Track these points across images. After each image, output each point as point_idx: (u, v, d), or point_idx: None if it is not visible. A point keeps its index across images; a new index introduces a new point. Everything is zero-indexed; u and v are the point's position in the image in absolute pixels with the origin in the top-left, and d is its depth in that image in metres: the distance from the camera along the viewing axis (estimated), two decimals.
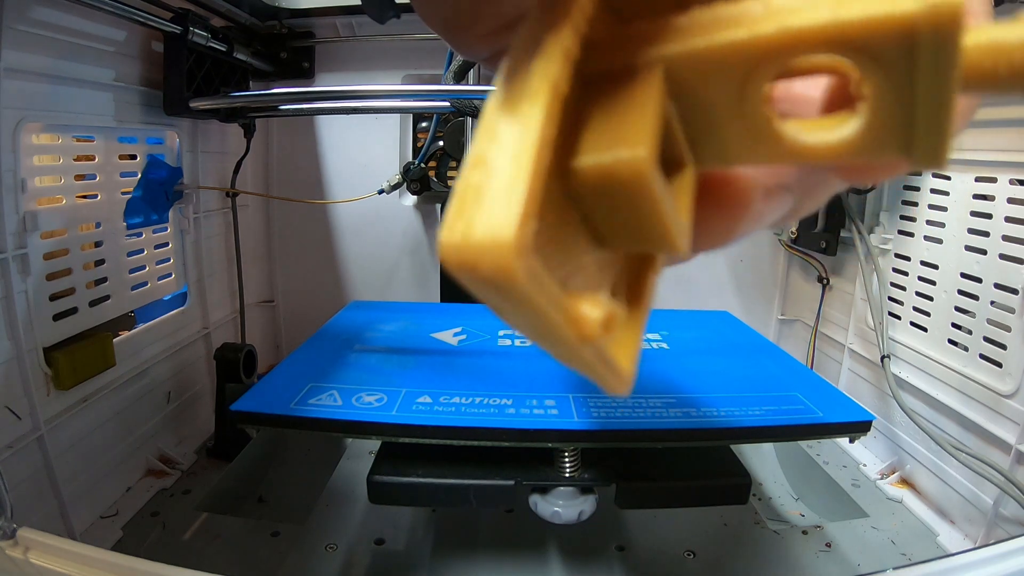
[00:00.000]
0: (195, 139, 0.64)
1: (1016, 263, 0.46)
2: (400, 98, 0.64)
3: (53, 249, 0.45)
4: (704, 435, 0.36)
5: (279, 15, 0.69)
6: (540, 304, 0.08)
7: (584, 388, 0.40)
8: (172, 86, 0.55)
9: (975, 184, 0.51)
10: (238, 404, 0.37)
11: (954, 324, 0.53)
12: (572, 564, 0.46)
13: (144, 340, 0.57)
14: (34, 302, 0.43)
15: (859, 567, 0.47)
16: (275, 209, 0.79)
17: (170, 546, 0.46)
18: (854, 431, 0.38)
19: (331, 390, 0.39)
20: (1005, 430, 0.46)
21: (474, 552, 0.47)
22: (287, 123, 0.76)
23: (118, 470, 0.52)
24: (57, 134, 0.46)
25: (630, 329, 0.10)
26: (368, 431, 0.36)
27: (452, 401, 0.38)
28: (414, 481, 0.37)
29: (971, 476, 0.49)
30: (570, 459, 0.37)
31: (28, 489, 0.42)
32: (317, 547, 0.47)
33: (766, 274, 0.79)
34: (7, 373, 0.41)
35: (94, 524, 0.48)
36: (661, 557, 0.47)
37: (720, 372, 0.45)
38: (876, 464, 0.61)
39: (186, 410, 0.63)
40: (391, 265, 0.80)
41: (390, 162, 0.76)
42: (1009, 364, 0.46)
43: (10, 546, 0.28)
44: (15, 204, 0.41)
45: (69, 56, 0.45)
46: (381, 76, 0.73)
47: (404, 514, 0.51)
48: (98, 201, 0.50)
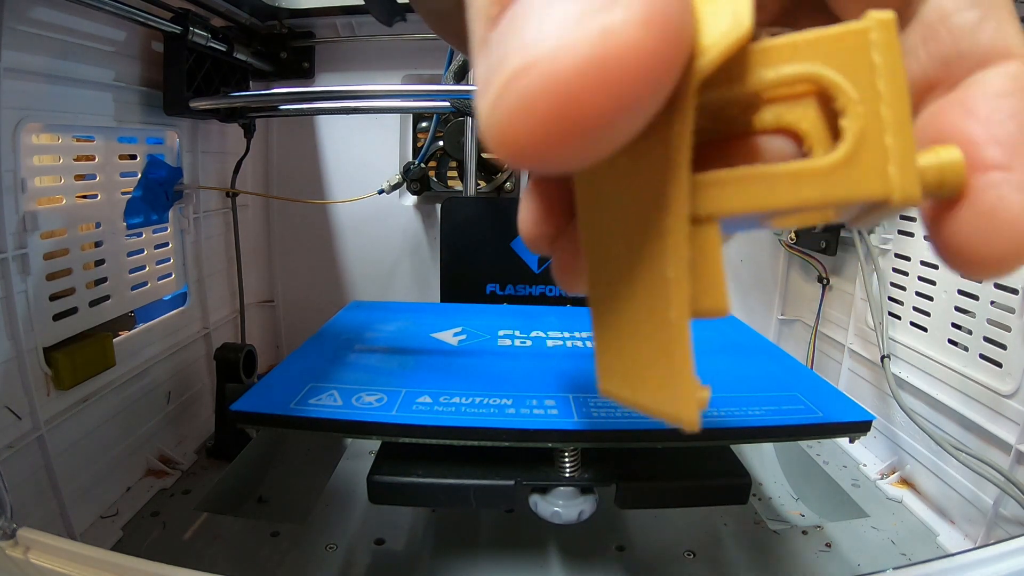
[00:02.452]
0: (195, 139, 0.64)
1: None
2: (400, 98, 0.64)
3: (53, 249, 0.45)
4: (704, 435, 0.36)
5: (279, 15, 0.69)
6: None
7: (584, 388, 0.40)
8: (172, 86, 0.55)
9: None
10: (238, 404, 0.37)
11: (954, 324, 0.53)
12: (572, 564, 0.46)
13: (144, 340, 0.57)
14: (34, 302, 0.43)
15: (859, 567, 0.47)
16: (275, 209, 0.79)
17: (170, 546, 0.46)
18: (854, 431, 0.38)
19: (331, 390, 0.39)
20: (1005, 430, 0.46)
21: (474, 552, 0.47)
22: (287, 123, 0.76)
23: (118, 470, 0.52)
24: (57, 134, 0.46)
25: None
26: (368, 431, 0.36)
27: (452, 401, 0.38)
28: (414, 481, 0.37)
29: (971, 476, 0.49)
30: (570, 459, 0.37)
31: (28, 489, 0.42)
32: (317, 547, 0.47)
33: (766, 274, 0.79)
34: (7, 373, 0.41)
35: (94, 524, 0.48)
36: (661, 557, 0.47)
37: (720, 372, 0.45)
38: (876, 464, 0.61)
39: (186, 410, 0.63)
40: (391, 265, 0.80)
41: (390, 162, 0.76)
42: (1009, 364, 0.47)
43: (10, 546, 0.28)
44: (15, 204, 0.41)
45: (69, 56, 0.45)
46: (381, 76, 0.73)
47: (404, 514, 0.51)
48: (98, 201, 0.50)
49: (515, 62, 0.07)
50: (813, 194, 0.08)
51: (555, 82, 0.07)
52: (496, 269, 0.69)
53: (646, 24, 0.07)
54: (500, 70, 0.07)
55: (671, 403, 0.09)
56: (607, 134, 0.07)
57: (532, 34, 0.07)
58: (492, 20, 0.08)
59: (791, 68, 0.09)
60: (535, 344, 0.50)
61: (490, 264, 0.67)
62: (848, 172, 0.08)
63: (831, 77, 0.08)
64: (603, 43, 0.07)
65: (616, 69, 0.07)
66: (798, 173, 0.08)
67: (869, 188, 0.08)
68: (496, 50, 0.08)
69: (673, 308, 0.08)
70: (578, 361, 0.47)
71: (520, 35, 0.07)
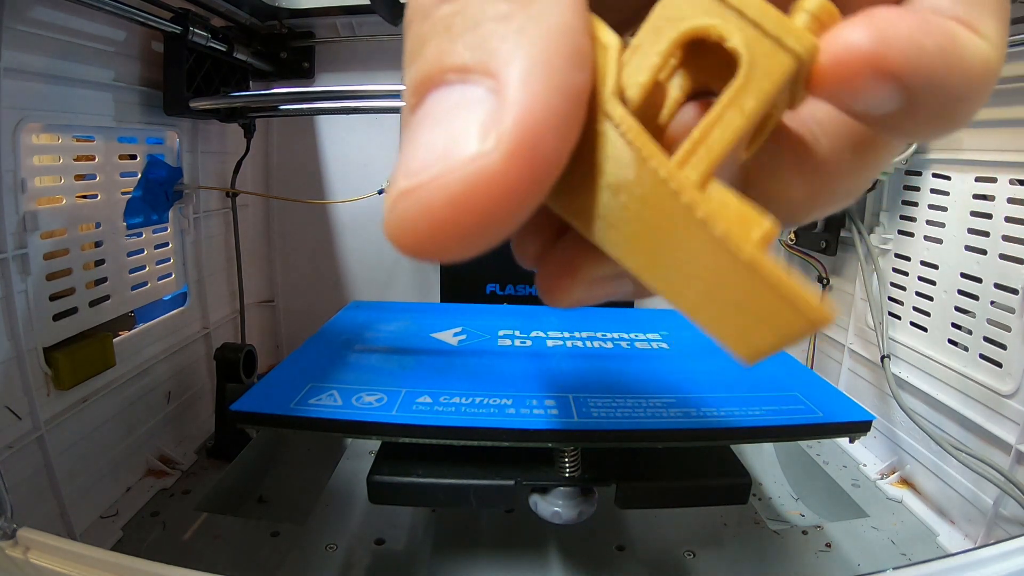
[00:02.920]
0: (195, 139, 0.64)
1: (1016, 263, 0.46)
2: (400, 98, 0.64)
3: (53, 249, 0.45)
4: (704, 435, 0.36)
5: (279, 15, 0.69)
6: None
7: (584, 388, 0.40)
8: (172, 86, 0.55)
9: (975, 184, 0.51)
10: (238, 404, 0.37)
11: (954, 324, 0.53)
12: (572, 564, 0.46)
13: (144, 340, 0.57)
14: (34, 302, 0.43)
15: (859, 567, 0.47)
16: (275, 209, 0.79)
17: (170, 546, 0.46)
18: (854, 431, 0.38)
19: (331, 390, 0.39)
20: (1005, 430, 0.46)
21: (474, 552, 0.47)
22: (287, 123, 0.76)
23: (118, 470, 0.52)
24: (57, 134, 0.46)
25: None
26: (368, 431, 0.36)
27: (452, 401, 0.38)
28: (414, 481, 0.37)
29: (971, 476, 0.49)
30: (570, 459, 0.37)
31: (28, 489, 0.42)
32: (317, 547, 0.47)
33: None
34: (7, 373, 0.41)
35: (94, 524, 0.48)
36: (661, 557, 0.47)
37: (720, 372, 0.45)
38: (876, 464, 0.61)
39: (186, 410, 0.63)
40: (391, 265, 0.80)
41: (390, 162, 0.76)
42: (1009, 364, 0.47)
43: (10, 546, 0.28)
44: (15, 204, 0.41)
45: (69, 56, 0.45)
46: (381, 76, 0.73)
47: (404, 514, 0.51)
48: (98, 201, 0.50)
49: (400, 183, 0.08)
50: (752, 103, 0.09)
51: (429, 210, 0.08)
52: (496, 269, 0.69)
53: (511, 157, 0.08)
54: (392, 184, 0.08)
55: (804, 319, 0.09)
56: (485, 239, 0.08)
57: (413, 160, 0.08)
58: (410, 110, 0.09)
59: (659, 45, 0.10)
60: (535, 344, 0.50)
61: (490, 264, 0.67)
62: (757, 69, 0.09)
63: (694, 27, 0.09)
64: (472, 178, 0.08)
65: (485, 197, 0.08)
66: (733, 99, 0.09)
67: (780, 65, 0.09)
68: (400, 153, 0.09)
69: (740, 251, 0.09)
70: (578, 361, 0.47)
71: (405, 156, 0.08)
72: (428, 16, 0.09)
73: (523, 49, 0.08)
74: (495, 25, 0.08)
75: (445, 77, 0.08)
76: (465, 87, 0.08)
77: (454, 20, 0.09)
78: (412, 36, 0.09)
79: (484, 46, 0.08)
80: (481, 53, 0.08)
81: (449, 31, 0.09)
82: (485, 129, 0.08)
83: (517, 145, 0.08)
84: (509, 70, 0.08)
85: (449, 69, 0.08)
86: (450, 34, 0.09)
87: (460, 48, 0.08)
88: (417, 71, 0.09)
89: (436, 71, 0.09)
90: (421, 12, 0.09)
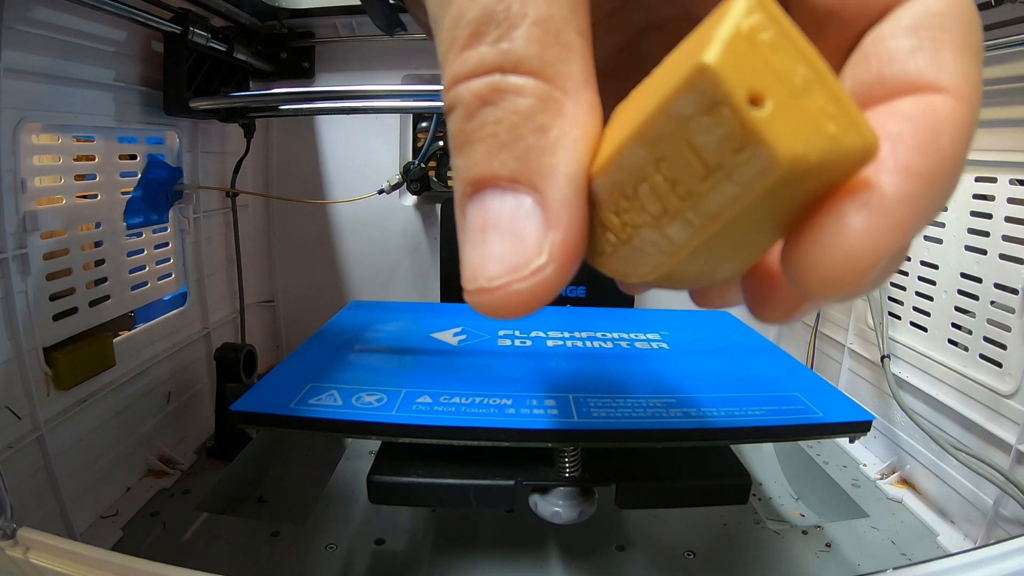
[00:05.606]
0: (195, 139, 0.64)
1: (1016, 263, 0.46)
2: (400, 98, 0.64)
3: (53, 249, 0.45)
4: (704, 435, 0.36)
5: (279, 15, 0.69)
6: None
7: (584, 388, 0.40)
8: (172, 86, 0.55)
9: (975, 184, 0.51)
10: (238, 404, 0.37)
11: (954, 324, 0.53)
12: (572, 564, 0.46)
13: (144, 340, 0.57)
14: (34, 302, 0.43)
15: (859, 567, 0.47)
16: (275, 209, 0.79)
17: (170, 546, 0.46)
18: (854, 431, 0.38)
19: (331, 390, 0.39)
20: (1005, 430, 0.46)
21: (474, 552, 0.47)
22: (287, 123, 0.76)
23: (118, 470, 0.52)
24: (57, 134, 0.46)
25: None
26: (368, 431, 0.36)
27: (452, 401, 0.38)
28: (414, 481, 0.37)
29: (971, 476, 0.49)
30: (570, 459, 0.37)
31: (28, 489, 0.42)
32: (317, 547, 0.47)
33: None
34: (7, 373, 0.41)
35: (94, 524, 0.48)
36: (661, 557, 0.47)
37: (720, 372, 0.45)
38: (876, 464, 0.61)
39: (186, 410, 0.63)
40: (391, 265, 0.80)
41: (390, 162, 0.76)
42: (1009, 364, 0.47)
43: (10, 546, 0.28)
44: (15, 204, 0.41)
45: (69, 56, 0.45)
46: (381, 76, 0.73)
47: (404, 514, 0.51)
48: (98, 201, 0.50)
49: (481, 283, 0.11)
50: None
51: (504, 305, 0.11)
52: None
53: (561, 266, 0.11)
54: (465, 279, 0.11)
55: (860, 137, 0.09)
56: (538, 305, 0.11)
57: (489, 266, 0.11)
58: (467, 197, 0.11)
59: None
60: (535, 344, 0.50)
61: None
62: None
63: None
64: (535, 287, 0.11)
65: (541, 293, 0.11)
66: None
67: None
68: (469, 249, 0.11)
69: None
70: (578, 361, 0.47)
71: (477, 259, 0.11)
72: (472, 116, 0.10)
73: (559, 168, 0.10)
74: (535, 140, 0.10)
75: (499, 184, 0.10)
76: (517, 196, 0.10)
77: (499, 129, 0.10)
78: (458, 131, 0.11)
79: (528, 162, 0.10)
80: (526, 168, 0.10)
81: (496, 138, 0.10)
82: (539, 246, 0.10)
83: (564, 256, 0.10)
84: (551, 191, 0.10)
85: (501, 178, 0.10)
86: (497, 141, 0.10)
87: (507, 159, 0.10)
88: (470, 170, 0.11)
89: (489, 176, 0.11)
90: (464, 109, 0.10)
